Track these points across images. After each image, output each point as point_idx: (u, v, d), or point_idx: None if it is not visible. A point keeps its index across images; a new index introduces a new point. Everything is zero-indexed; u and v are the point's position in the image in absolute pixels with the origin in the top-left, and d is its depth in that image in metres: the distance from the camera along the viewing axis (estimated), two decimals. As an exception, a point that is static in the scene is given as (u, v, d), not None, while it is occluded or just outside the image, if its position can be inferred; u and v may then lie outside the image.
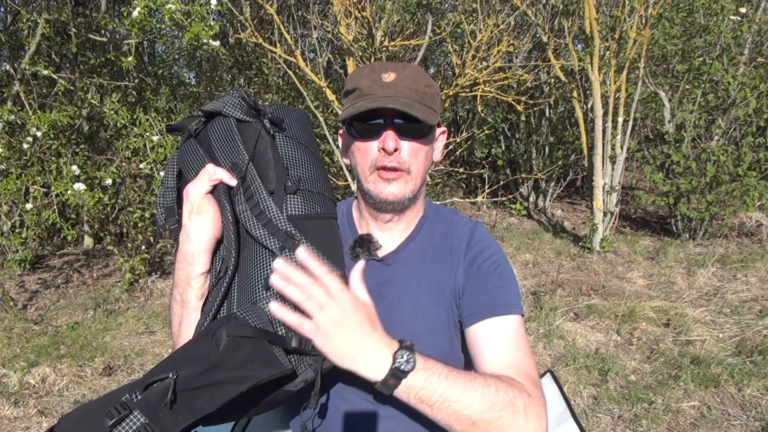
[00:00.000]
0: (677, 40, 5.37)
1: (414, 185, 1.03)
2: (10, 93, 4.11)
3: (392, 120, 0.98)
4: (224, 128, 1.00)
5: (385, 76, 0.99)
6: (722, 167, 5.12)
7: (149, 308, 3.88)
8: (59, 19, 4.00)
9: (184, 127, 1.04)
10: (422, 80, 1.01)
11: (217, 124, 1.01)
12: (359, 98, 1.00)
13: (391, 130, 0.98)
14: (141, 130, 3.92)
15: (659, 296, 4.00)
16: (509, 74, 4.70)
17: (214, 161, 0.97)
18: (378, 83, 0.99)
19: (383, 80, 0.99)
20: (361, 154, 1.02)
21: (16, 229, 4.38)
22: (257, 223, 0.92)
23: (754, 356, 3.05)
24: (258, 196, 0.95)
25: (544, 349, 3.27)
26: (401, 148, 0.99)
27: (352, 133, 1.03)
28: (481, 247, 1.08)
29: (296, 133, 1.04)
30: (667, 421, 2.57)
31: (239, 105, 0.99)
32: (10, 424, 2.54)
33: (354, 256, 1.06)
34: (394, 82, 0.99)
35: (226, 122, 1.00)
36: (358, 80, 1.01)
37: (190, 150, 1.02)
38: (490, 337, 0.99)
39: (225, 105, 0.99)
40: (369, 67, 1.02)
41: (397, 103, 0.95)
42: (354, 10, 3.81)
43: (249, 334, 0.80)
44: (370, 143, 1.00)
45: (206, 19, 3.58)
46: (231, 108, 0.99)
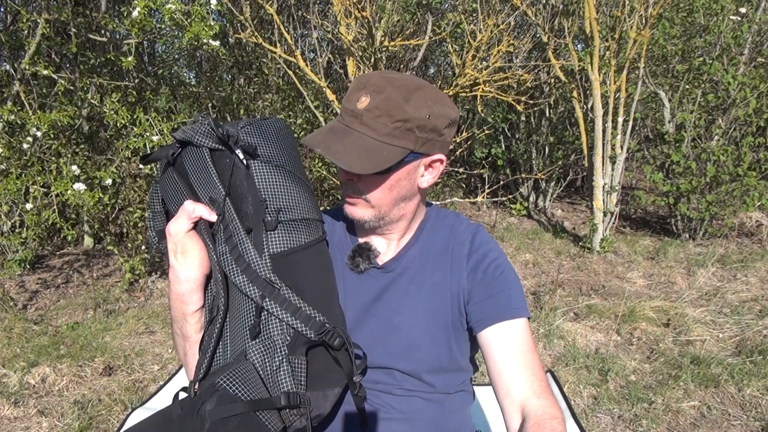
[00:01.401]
0: (677, 40, 5.37)
1: (377, 212, 1.01)
2: (10, 93, 4.10)
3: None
4: (198, 159, 0.95)
5: (361, 101, 0.93)
6: (722, 167, 5.12)
7: (149, 308, 3.88)
8: (59, 19, 3.99)
9: (159, 158, 1.00)
10: (400, 111, 0.91)
11: (191, 154, 0.96)
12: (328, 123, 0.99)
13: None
14: (141, 130, 3.92)
15: (659, 296, 4.00)
16: (509, 74, 4.70)
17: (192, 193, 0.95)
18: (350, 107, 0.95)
19: (356, 106, 0.93)
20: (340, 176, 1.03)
21: (16, 229, 4.38)
22: (237, 269, 0.90)
23: (754, 356, 3.05)
24: (237, 237, 0.91)
25: (544, 349, 3.27)
26: (357, 180, 0.97)
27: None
28: (483, 251, 1.08)
29: (273, 154, 0.98)
30: (667, 421, 2.57)
31: (209, 133, 0.94)
32: (10, 424, 2.54)
33: (354, 265, 1.06)
34: (363, 109, 0.93)
35: (199, 152, 0.95)
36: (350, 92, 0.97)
37: (169, 180, 0.98)
38: (502, 342, 1.01)
39: (195, 134, 0.94)
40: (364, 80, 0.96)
41: (340, 160, 0.91)
42: (354, 10, 3.80)
43: (234, 412, 0.80)
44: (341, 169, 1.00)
45: (206, 19, 3.57)
46: (201, 137, 0.94)
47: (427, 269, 1.07)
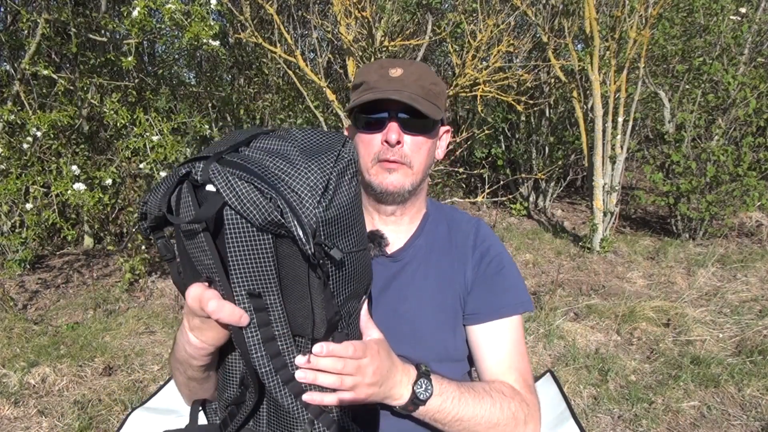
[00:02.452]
0: (677, 40, 5.37)
1: (414, 179, 1.04)
2: (10, 93, 4.11)
3: (396, 114, 1.00)
4: (252, 240, 0.69)
5: (393, 71, 1.01)
6: (722, 167, 5.12)
7: (149, 308, 3.88)
8: (59, 19, 4.00)
9: (200, 220, 0.70)
10: (429, 77, 1.03)
11: (241, 231, 0.69)
12: (366, 91, 1.02)
13: (395, 123, 1.00)
14: (141, 130, 3.92)
15: (659, 296, 4.00)
16: (509, 74, 4.70)
17: (223, 274, 0.72)
18: (385, 77, 1.01)
19: (390, 75, 1.01)
20: (365, 146, 1.03)
21: (16, 229, 4.38)
22: (283, 388, 0.76)
23: (754, 356, 3.05)
24: (283, 342, 0.75)
25: (544, 349, 3.27)
26: (404, 142, 1.01)
27: (357, 124, 1.04)
28: (487, 245, 1.12)
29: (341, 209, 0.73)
30: (667, 421, 2.57)
31: (259, 208, 0.66)
32: (10, 424, 2.54)
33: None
34: (401, 77, 1.01)
35: (257, 234, 0.69)
36: (367, 74, 1.04)
37: (195, 247, 0.74)
38: (492, 340, 1.06)
39: (241, 202, 0.66)
40: (378, 63, 1.05)
41: (402, 96, 0.97)
42: (354, 10, 3.80)
43: None
44: (374, 135, 1.02)
45: (206, 19, 3.58)
46: (251, 208, 0.66)
47: (432, 259, 1.10)
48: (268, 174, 0.68)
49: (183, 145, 4.06)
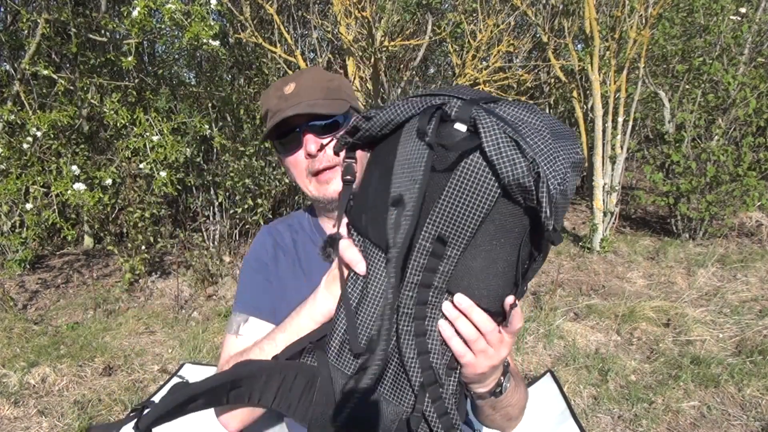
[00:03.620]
0: (677, 40, 5.37)
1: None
2: (10, 93, 4.11)
3: (307, 124, 1.02)
4: (473, 183, 0.69)
5: (286, 88, 1.04)
6: (722, 167, 5.12)
7: (149, 308, 3.88)
8: (59, 19, 3.99)
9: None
10: (322, 77, 1.06)
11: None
12: (271, 118, 1.04)
13: (309, 134, 1.02)
14: (141, 130, 3.92)
15: (659, 296, 4.00)
16: (509, 74, 4.70)
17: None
18: (282, 98, 1.04)
19: (285, 93, 1.03)
20: (294, 167, 1.06)
21: (16, 229, 4.38)
22: (411, 339, 0.75)
23: (754, 356, 3.05)
24: (434, 296, 0.74)
25: (544, 349, 3.27)
26: (325, 147, 1.03)
27: (280, 151, 1.07)
28: None
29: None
30: (667, 421, 2.57)
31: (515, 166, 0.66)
32: (10, 424, 2.54)
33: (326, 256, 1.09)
34: (295, 91, 1.03)
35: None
36: (267, 102, 1.07)
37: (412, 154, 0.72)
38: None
39: (498, 153, 0.65)
40: (273, 87, 1.08)
41: (299, 108, 1.00)
42: (354, 10, 3.80)
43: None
44: (297, 154, 1.04)
45: (206, 19, 3.58)
46: (506, 163, 0.66)
47: None
48: (527, 138, 0.67)
49: (183, 145, 4.06)
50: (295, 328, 0.91)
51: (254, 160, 4.66)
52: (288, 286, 1.10)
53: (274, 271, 1.11)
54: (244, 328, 1.06)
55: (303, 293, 1.09)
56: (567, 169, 0.69)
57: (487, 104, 0.71)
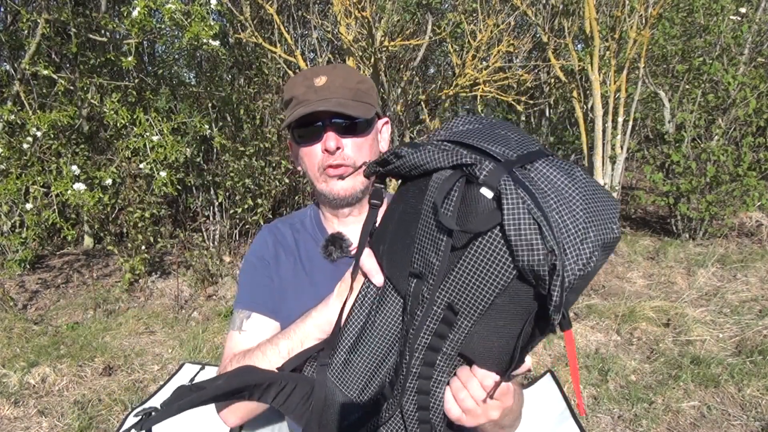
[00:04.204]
0: (677, 40, 5.37)
1: (363, 178, 1.06)
2: (10, 93, 4.11)
3: (330, 120, 1.02)
4: (490, 259, 0.66)
5: (317, 80, 1.03)
6: (722, 167, 5.11)
7: (149, 308, 3.88)
8: (59, 19, 4.00)
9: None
10: (354, 77, 1.06)
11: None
12: (296, 106, 1.03)
13: (331, 131, 1.02)
14: (141, 130, 3.92)
15: (659, 296, 4.00)
16: (509, 74, 4.70)
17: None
18: (311, 89, 1.03)
19: (316, 85, 1.03)
20: (308, 158, 1.05)
21: (16, 229, 4.38)
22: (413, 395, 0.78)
23: (754, 356, 3.05)
24: (443, 361, 0.76)
25: (544, 349, 3.27)
26: (343, 146, 1.03)
27: (296, 140, 1.07)
28: None
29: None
30: (667, 421, 2.57)
31: (532, 253, 0.63)
32: (10, 424, 2.54)
33: (327, 254, 1.09)
34: (326, 84, 1.02)
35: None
36: (293, 89, 1.05)
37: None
38: None
39: (519, 236, 0.62)
40: (302, 75, 1.06)
41: (329, 104, 1.00)
42: (354, 10, 3.80)
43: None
44: (314, 146, 1.04)
45: (206, 19, 3.58)
46: (524, 248, 0.63)
47: None
48: (552, 219, 0.62)
49: (183, 145, 4.06)
50: (300, 335, 0.91)
51: (254, 160, 4.66)
52: (289, 285, 1.10)
53: (275, 269, 1.12)
54: (247, 324, 1.07)
55: (304, 291, 1.09)
56: (595, 251, 0.64)
57: (525, 165, 0.67)
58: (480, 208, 0.64)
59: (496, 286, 0.66)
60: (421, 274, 0.71)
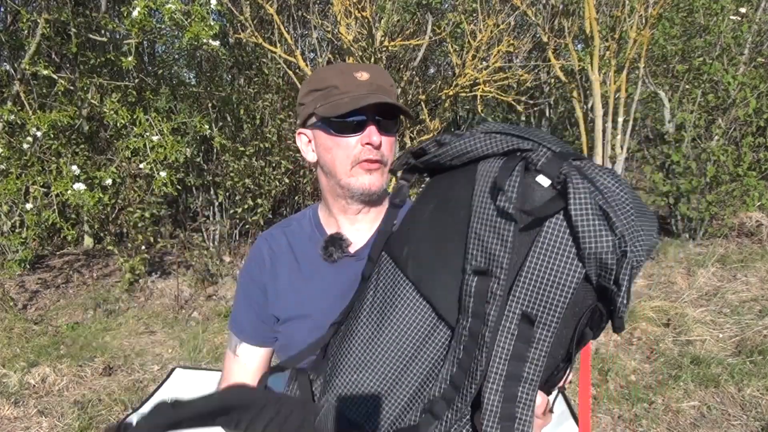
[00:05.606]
0: (677, 40, 5.37)
1: (387, 177, 1.08)
2: (10, 93, 4.11)
3: (374, 116, 1.02)
4: (558, 250, 0.63)
5: (359, 75, 1.02)
6: (722, 167, 5.11)
7: (149, 308, 3.88)
8: (59, 19, 4.00)
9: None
10: (389, 79, 1.07)
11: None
12: (337, 96, 1.01)
13: (374, 125, 1.02)
14: (141, 130, 3.92)
15: (659, 296, 4.00)
16: (509, 74, 4.70)
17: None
18: (354, 82, 1.01)
19: (359, 79, 1.02)
20: (342, 149, 1.03)
21: (16, 229, 4.38)
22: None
23: (754, 356, 3.05)
24: (525, 390, 0.64)
25: (544, 349, 3.27)
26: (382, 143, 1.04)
27: (330, 130, 1.04)
28: None
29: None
30: (667, 421, 2.57)
31: (600, 241, 0.60)
32: (10, 424, 2.54)
33: (327, 255, 1.09)
34: (369, 80, 1.02)
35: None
36: (330, 79, 1.03)
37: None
38: None
39: (586, 223, 0.60)
40: (336, 68, 1.05)
41: (385, 99, 1.00)
42: (354, 10, 3.80)
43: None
44: (351, 138, 1.02)
45: (206, 19, 3.58)
46: (592, 235, 0.60)
47: None
48: (618, 212, 0.59)
49: (183, 145, 4.06)
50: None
51: (254, 160, 4.66)
52: (285, 284, 1.10)
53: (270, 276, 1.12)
54: (240, 350, 1.10)
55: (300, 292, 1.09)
56: (644, 253, 0.61)
57: (575, 161, 0.64)
58: (536, 195, 0.61)
59: (570, 285, 0.61)
60: (485, 270, 0.63)
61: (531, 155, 0.63)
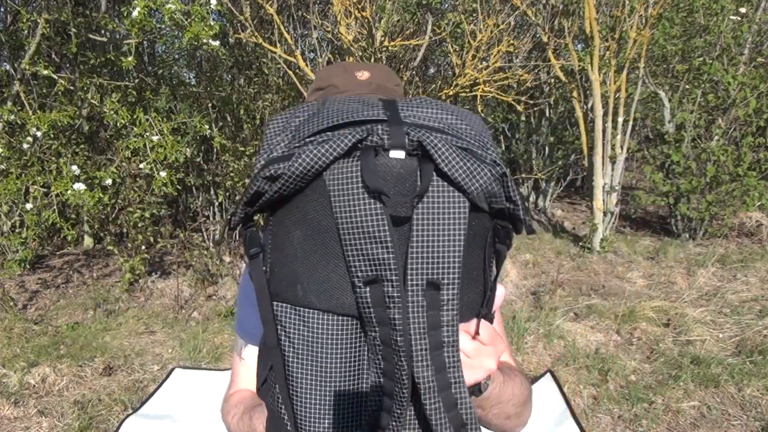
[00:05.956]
0: (677, 40, 5.37)
1: None
2: (10, 93, 4.10)
3: None
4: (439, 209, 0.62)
5: (359, 74, 1.01)
6: (722, 167, 5.11)
7: (149, 308, 3.88)
8: (59, 19, 3.99)
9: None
10: (392, 79, 1.04)
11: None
12: (336, 95, 1.00)
13: None
14: (141, 130, 3.92)
15: (659, 296, 4.00)
16: (509, 74, 4.70)
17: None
18: (353, 81, 1.00)
19: (358, 78, 1.00)
20: None
21: (16, 229, 4.38)
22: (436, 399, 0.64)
23: (754, 356, 3.05)
24: (450, 353, 0.65)
25: (544, 349, 3.27)
26: None
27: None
28: None
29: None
30: (667, 421, 2.57)
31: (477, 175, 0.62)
32: (10, 424, 2.54)
33: None
34: (368, 80, 1.00)
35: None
36: (332, 78, 1.02)
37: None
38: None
39: (456, 169, 0.61)
40: (341, 66, 1.04)
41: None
42: (354, 10, 3.80)
43: None
44: None
45: (206, 19, 3.57)
46: (466, 176, 0.61)
47: None
48: (470, 140, 0.61)
49: (183, 145, 4.06)
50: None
51: (254, 160, 4.66)
52: None
53: None
54: (245, 353, 1.08)
55: None
56: (498, 154, 0.65)
57: (402, 110, 0.64)
58: (399, 171, 0.60)
59: (461, 230, 0.61)
60: (374, 278, 0.62)
61: (372, 139, 0.60)
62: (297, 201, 0.64)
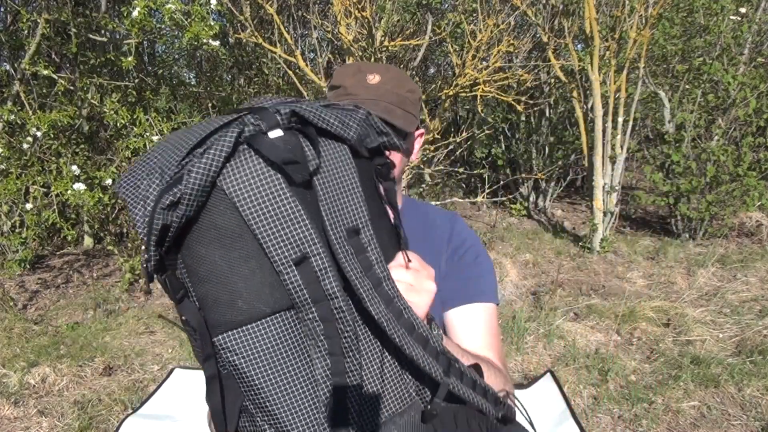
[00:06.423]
0: (677, 40, 5.37)
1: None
2: (10, 93, 4.11)
3: None
4: (343, 165, 0.67)
5: (371, 77, 1.01)
6: (722, 167, 5.11)
7: (149, 308, 3.88)
8: (59, 19, 3.99)
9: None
10: (406, 84, 1.04)
11: (333, 153, 0.67)
12: (343, 96, 1.02)
13: None
14: (141, 130, 3.92)
15: (659, 296, 4.00)
16: (509, 74, 4.69)
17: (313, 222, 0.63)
18: (362, 84, 1.01)
19: (368, 81, 1.01)
20: None
21: (16, 229, 4.38)
22: (407, 338, 0.67)
23: (754, 356, 3.05)
24: (388, 286, 0.68)
25: (544, 349, 3.27)
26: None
27: None
28: (462, 238, 1.16)
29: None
30: (667, 421, 2.57)
31: (353, 121, 0.69)
32: (10, 424, 2.54)
33: None
34: (378, 84, 1.01)
35: (341, 152, 0.68)
36: (344, 78, 1.03)
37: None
38: (468, 321, 1.07)
39: (334, 124, 0.66)
40: (355, 66, 1.05)
41: (378, 108, 0.97)
42: (354, 10, 3.80)
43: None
44: None
45: (206, 19, 3.57)
46: (344, 126, 0.67)
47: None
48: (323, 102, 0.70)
49: (183, 145, 4.05)
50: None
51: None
52: None
53: None
54: None
55: None
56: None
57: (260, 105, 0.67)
58: (288, 148, 0.62)
59: (353, 173, 0.68)
60: (301, 258, 0.62)
61: (248, 129, 0.61)
62: (204, 219, 0.62)
